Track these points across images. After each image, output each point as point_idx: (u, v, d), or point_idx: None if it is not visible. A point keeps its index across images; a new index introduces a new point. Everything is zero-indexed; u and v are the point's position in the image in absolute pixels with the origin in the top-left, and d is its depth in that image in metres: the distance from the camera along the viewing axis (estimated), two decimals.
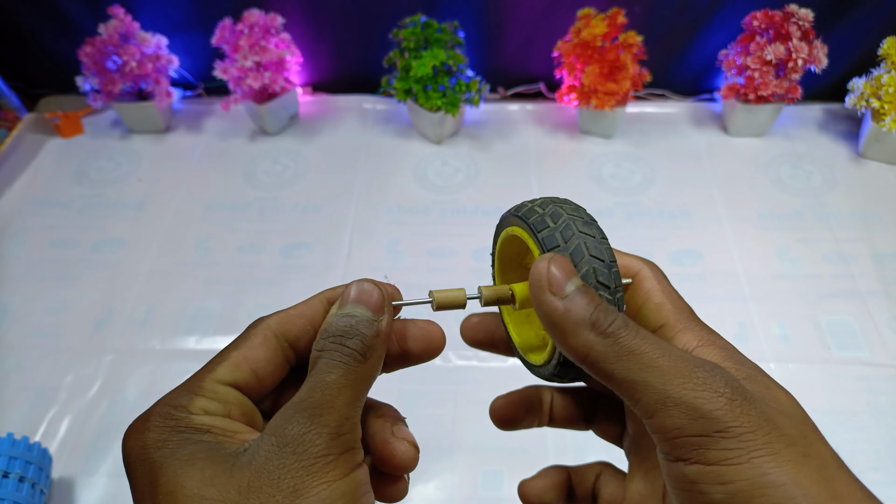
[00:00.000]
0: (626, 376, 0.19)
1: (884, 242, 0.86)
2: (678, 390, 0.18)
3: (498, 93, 1.10)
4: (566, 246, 0.22)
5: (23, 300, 0.81)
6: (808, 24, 0.89)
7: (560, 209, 0.23)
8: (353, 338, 0.21)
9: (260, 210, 0.92)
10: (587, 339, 0.19)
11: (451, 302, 0.25)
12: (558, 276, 0.20)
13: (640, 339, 0.19)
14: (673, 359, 0.19)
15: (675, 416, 0.18)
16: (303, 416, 0.19)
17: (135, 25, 0.95)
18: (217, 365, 0.22)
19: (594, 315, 0.19)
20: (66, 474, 0.65)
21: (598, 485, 0.28)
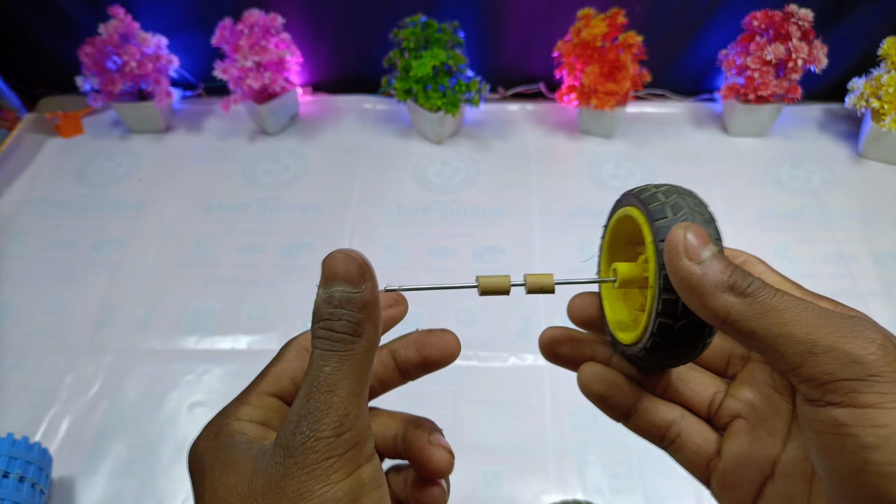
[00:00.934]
0: (769, 331, 0.19)
1: (884, 242, 0.86)
2: (826, 339, 0.18)
3: (498, 93, 1.10)
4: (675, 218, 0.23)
5: (23, 300, 0.81)
6: (807, 24, 0.89)
7: (682, 201, 0.24)
8: (339, 319, 0.21)
9: (260, 210, 0.92)
10: (726, 300, 0.20)
11: (496, 288, 0.26)
12: (694, 242, 0.21)
13: (781, 297, 0.19)
14: (817, 312, 0.19)
15: (825, 362, 0.18)
16: (303, 424, 0.20)
17: (135, 25, 0.95)
18: (261, 379, 0.25)
19: (732, 277, 0.20)
20: (66, 474, 0.65)
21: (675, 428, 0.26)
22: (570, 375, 0.41)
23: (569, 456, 0.66)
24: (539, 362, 0.73)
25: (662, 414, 0.26)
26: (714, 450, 0.26)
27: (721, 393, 0.26)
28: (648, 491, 0.63)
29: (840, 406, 0.18)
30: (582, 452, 0.66)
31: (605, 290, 0.29)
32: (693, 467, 0.26)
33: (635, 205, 0.25)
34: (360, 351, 0.21)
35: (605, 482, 0.64)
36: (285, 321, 0.78)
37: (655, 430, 0.26)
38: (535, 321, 0.77)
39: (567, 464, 0.65)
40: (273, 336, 0.77)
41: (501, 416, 0.71)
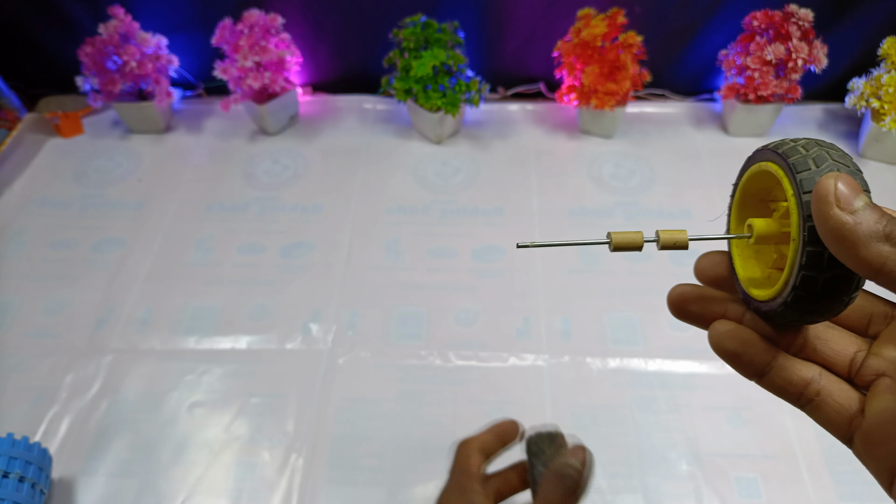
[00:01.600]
0: None
1: None
2: None
3: (498, 93, 1.10)
4: (818, 170, 0.22)
5: (23, 300, 0.81)
6: (807, 24, 0.89)
7: (825, 153, 0.23)
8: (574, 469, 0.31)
9: (260, 210, 0.92)
10: (881, 250, 0.19)
11: (629, 243, 0.27)
12: (846, 191, 0.20)
13: None
14: None
15: None
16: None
17: (135, 25, 0.95)
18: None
19: (888, 227, 0.19)
20: (66, 474, 0.65)
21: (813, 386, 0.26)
22: (571, 376, 0.42)
23: None
24: (539, 362, 0.73)
25: (800, 372, 0.26)
26: (856, 408, 0.25)
27: (863, 352, 0.26)
28: (648, 491, 0.63)
29: None
30: None
31: (736, 248, 0.29)
32: (833, 426, 0.26)
33: (772, 159, 0.25)
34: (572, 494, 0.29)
35: (605, 482, 0.64)
36: (285, 321, 0.78)
37: (792, 388, 0.26)
38: (534, 321, 0.77)
39: None
40: (273, 336, 0.77)
41: (501, 415, 0.70)
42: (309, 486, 0.64)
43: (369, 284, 0.81)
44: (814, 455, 0.66)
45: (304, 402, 0.71)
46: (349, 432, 0.68)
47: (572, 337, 0.76)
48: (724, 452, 0.66)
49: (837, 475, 0.64)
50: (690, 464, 0.65)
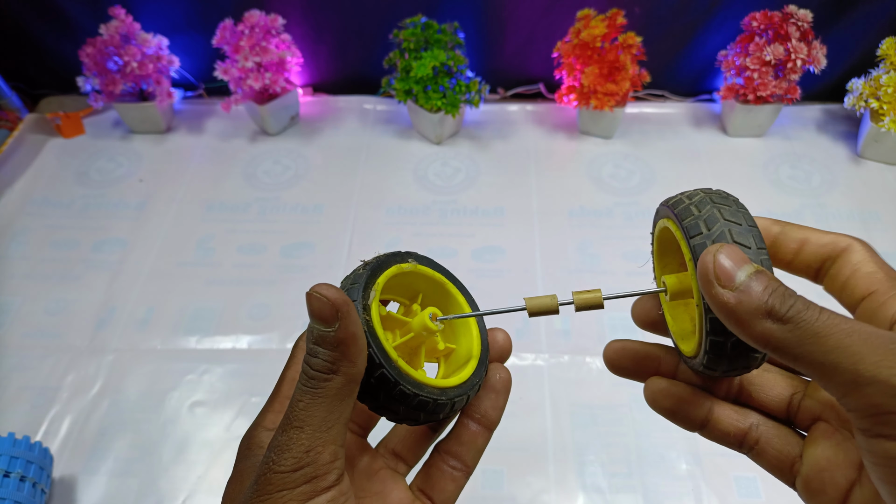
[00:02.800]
0: (814, 359, 0.18)
1: (883, 242, 0.86)
2: (872, 369, 0.17)
3: (498, 93, 1.10)
4: (709, 234, 0.22)
5: (24, 300, 0.81)
6: (807, 25, 0.89)
7: (716, 212, 0.23)
8: (314, 356, 0.22)
9: (260, 210, 0.92)
10: (765, 327, 0.19)
11: (545, 308, 0.26)
12: (727, 266, 0.20)
13: (825, 320, 0.18)
14: (863, 337, 0.17)
15: (872, 394, 0.17)
16: (269, 455, 0.21)
17: (136, 26, 0.95)
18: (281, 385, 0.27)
19: (770, 302, 0.19)
20: (67, 474, 0.65)
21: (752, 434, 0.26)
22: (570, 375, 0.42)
23: (569, 455, 0.66)
24: (538, 362, 0.74)
25: (737, 423, 0.26)
26: (796, 453, 0.25)
27: (799, 393, 0.26)
28: (648, 490, 0.63)
29: (891, 439, 0.17)
30: (582, 452, 0.66)
31: (663, 300, 0.28)
32: (776, 471, 0.26)
33: (671, 217, 0.25)
34: (335, 388, 0.21)
35: (604, 481, 0.64)
36: (286, 321, 0.78)
37: (732, 439, 0.26)
38: (534, 320, 0.77)
39: (567, 463, 0.65)
40: (274, 336, 0.77)
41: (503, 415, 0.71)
42: None
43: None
44: None
45: None
46: None
47: (572, 336, 0.76)
48: (723, 452, 0.66)
49: None
50: (690, 463, 0.65)
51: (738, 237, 0.22)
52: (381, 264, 0.26)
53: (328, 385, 0.21)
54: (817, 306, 0.19)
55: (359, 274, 0.25)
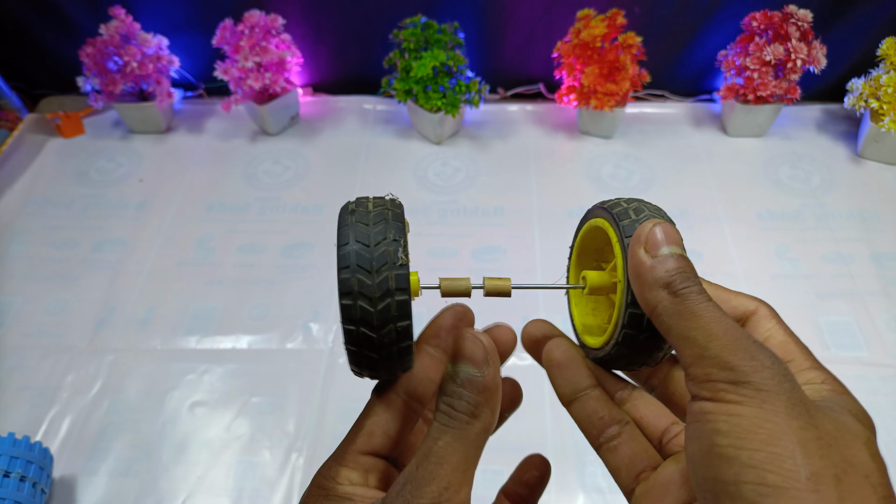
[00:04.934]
0: (680, 332, 0.20)
1: (883, 242, 0.86)
2: (717, 349, 0.19)
3: (498, 93, 1.10)
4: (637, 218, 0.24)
5: (24, 300, 0.81)
6: (807, 25, 0.89)
7: (644, 206, 0.25)
8: (459, 399, 0.23)
9: (261, 210, 0.92)
10: (659, 294, 0.21)
11: (458, 290, 0.27)
12: (658, 238, 0.22)
13: (705, 306, 0.21)
14: (726, 327, 0.20)
15: (708, 365, 0.19)
16: (406, 488, 0.22)
17: (136, 26, 0.95)
18: (356, 436, 0.26)
19: (673, 277, 0.21)
20: (67, 474, 0.65)
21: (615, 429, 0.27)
22: None
23: (569, 455, 0.66)
24: None
25: (611, 412, 0.27)
26: (647, 465, 0.26)
27: (678, 426, 0.26)
28: None
29: (708, 400, 0.19)
30: (582, 452, 0.66)
31: (573, 298, 0.31)
32: (620, 473, 0.26)
33: (601, 215, 0.26)
34: (475, 432, 0.22)
35: (604, 481, 0.64)
36: (286, 321, 0.78)
37: (597, 423, 0.27)
38: None
39: (567, 463, 0.65)
40: (274, 336, 0.77)
41: None
42: None
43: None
44: None
45: (305, 402, 0.71)
46: None
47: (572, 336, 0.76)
48: None
49: None
50: None
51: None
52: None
53: (470, 428, 0.22)
54: (709, 297, 0.21)
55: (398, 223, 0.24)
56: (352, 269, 0.22)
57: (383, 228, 0.23)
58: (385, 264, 0.22)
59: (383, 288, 0.22)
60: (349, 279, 0.22)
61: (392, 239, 0.23)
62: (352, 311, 0.22)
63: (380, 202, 0.25)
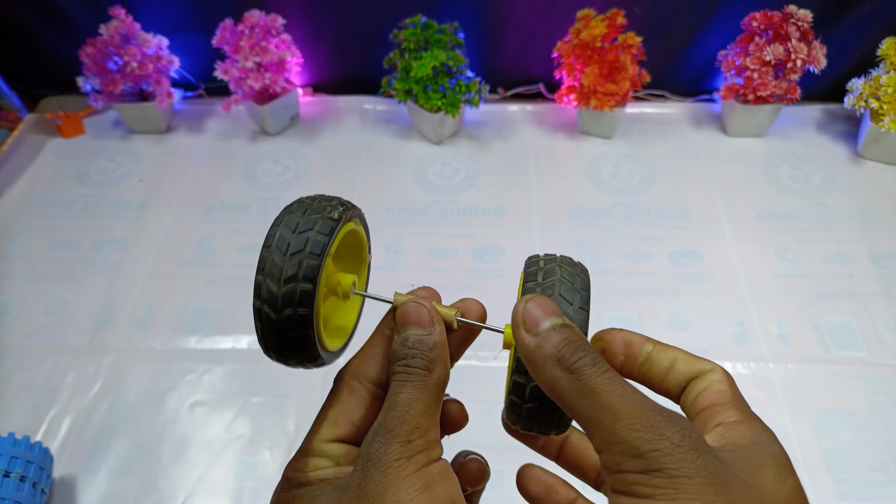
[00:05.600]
0: (585, 412, 0.20)
1: (883, 242, 0.86)
2: (624, 431, 0.19)
3: (498, 93, 1.10)
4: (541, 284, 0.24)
5: (24, 300, 0.81)
6: (807, 25, 0.89)
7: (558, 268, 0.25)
8: (414, 357, 0.24)
9: (261, 210, 0.92)
10: (553, 373, 0.20)
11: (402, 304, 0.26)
12: (534, 314, 0.22)
13: (603, 379, 0.20)
14: (629, 401, 0.19)
15: (617, 452, 0.19)
16: (379, 435, 0.23)
17: (136, 26, 0.95)
18: (319, 426, 0.26)
19: (562, 351, 0.20)
20: (67, 474, 0.65)
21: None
22: None
23: None
24: None
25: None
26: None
27: None
28: None
29: (623, 493, 0.19)
30: None
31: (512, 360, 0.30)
32: None
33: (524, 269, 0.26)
34: (433, 382, 0.24)
35: None
36: None
37: None
38: None
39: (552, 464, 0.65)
40: None
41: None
42: None
43: (369, 284, 0.82)
44: (813, 455, 0.66)
45: (305, 402, 0.71)
46: None
47: None
48: None
49: (836, 475, 0.64)
50: None
51: (565, 293, 0.23)
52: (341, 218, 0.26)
53: (427, 381, 0.24)
54: (605, 366, 0.20)
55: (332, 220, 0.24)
56: (271, 249, 0.23)
57: (313, 220, 0.24)
58: (300, 251, 0.23)
59: (291, 272, 0.23)
60: (265, 257, 0.23)
61: (317, 231, 0.23)
62: (260, 289, 0.23)
63: (326, 199, 0.25)
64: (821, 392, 0.71)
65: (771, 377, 0.72)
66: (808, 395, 0.71)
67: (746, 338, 0.76)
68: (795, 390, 0.71)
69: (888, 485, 0.64)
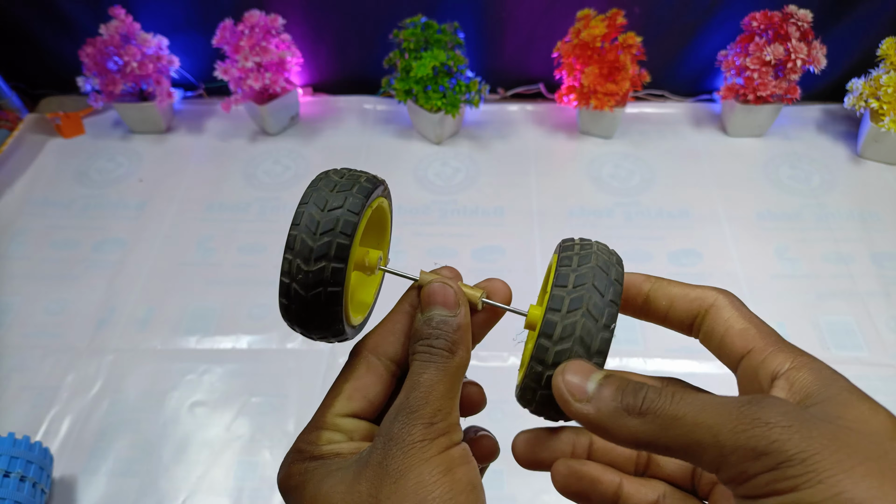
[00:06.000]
0: (680, 443, 0.19)
1: (882, 242, 0.86)
2: (731, 438, 0.18)
3: (498, 93, 1.10)
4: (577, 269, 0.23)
5: (24, 300, 0.81)
6: (807, 25, 0.89)
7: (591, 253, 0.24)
8: (437, 338, 0.24)
9: (261, 210, 0.92)
10: (629, 425, 0.20)
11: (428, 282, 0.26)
12: (575, 381, 0.21)
13: (677, 403, 0.19)
14: (715, 408, 0.19)
15: (737, 463, 0.18)
16: (402, 415, 0.23)
17: (136, 26, 0.95)
18: (334, 400, 0.26)
19: (624, 401, 0.20)
20: (67, 474, 0.65)
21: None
22: None
23: None
24: None
25: (646, 496, 0.26)
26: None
27: None
28: None
29: (766, 497, 0.18)
30: None
31: (530, 340, 0.29)
32: None
33: (557, 251, 0.26)
34: (455, 365, 0.24)
35: None
36: None
37: None
38: None
39: None
40: (273, 336, 0.77)
41: (501, 415, 0.71)
42: None
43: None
44: None
45: (305, 402, 0.71)
46: None
47: None
48: None
49: None
50: None
51: (599, 284, 0.23)
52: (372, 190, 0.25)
53: (449, 363, 0.24)
54: (669, 389, 0.20)
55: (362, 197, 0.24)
56: (300, 228, 0.23)
57: (343, 197, 0.24)
58: (331, 230, 0.23)
59: (322, 252, 0.23)
60: (294, 237, 0.23)
61: (346, 209, 0.23)
62: (290, 267, 0.24)
63: (354, 175, 0.25)
64: None
65: None
66: None
67: None
68: None
69: None
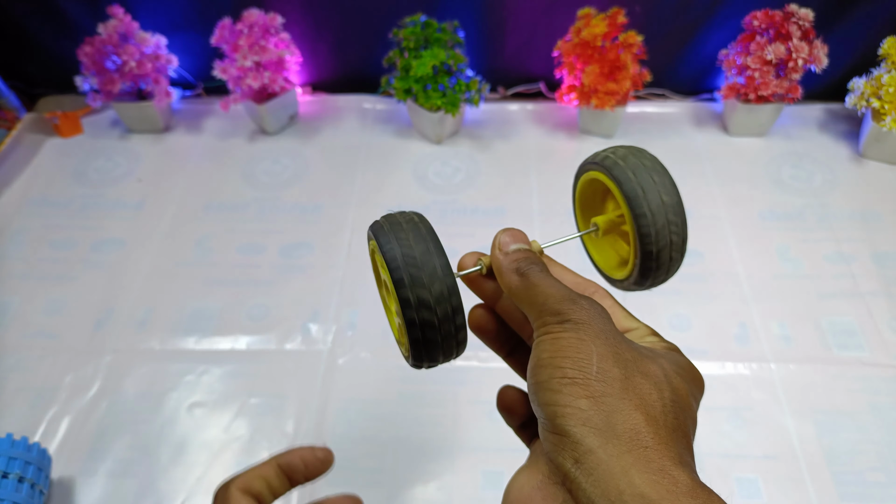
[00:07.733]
0: (527, 300, 0.26)
1: (884, 242, 0.86)
2: (552, 303, 0.25)
3: (498, 92, 1.10)
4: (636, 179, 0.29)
5: (22, 300, 0.81)
6: (808, 24, 0.89)
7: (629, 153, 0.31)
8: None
9: (259, 210, 0.92)
10: (511, 278, 0.28)
11: None
12: (506, 240, 0.29)
13: (542, 277, 0.27)
14: (558, 289, 0.26)
15: (545, 315, 0.25)
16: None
17: (134, 25, 0.95)
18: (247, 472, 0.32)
19: (517, 264, 0.28)
20: (66, 474, 0.65)
21: None
22: None
23: None
24: None
25: None
26: None
27: None
28: None
29: (541, 335, 0.25)
30: None
31: (589, 243, 0.36)
32: None
33: (593, 168, 0.32)
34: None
35: None
36: (285, 321, 0.78)
37: None
38: None
39: None
40: (272, 336, 0.77)
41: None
42: (308, 486, 0.64)
43: (369, 284, 0.81)
44: (814, 455, 0.66)
45: (304, 403, 0.71)
46: (349, 433, 0.68)
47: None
48: (724, 453, 0.66)
49: (838, 476, 0.64)
50: None
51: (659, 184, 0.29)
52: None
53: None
54: (547, 272, 0.27)
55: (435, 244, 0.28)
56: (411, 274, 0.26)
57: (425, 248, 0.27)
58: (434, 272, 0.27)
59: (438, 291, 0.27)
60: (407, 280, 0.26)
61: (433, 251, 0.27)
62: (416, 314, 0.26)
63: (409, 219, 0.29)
64: (822, 393, 0.71)
65: (772, 378, 0.72)
66: (810, 395, 0.71)
67: (748, 338, 0.76)
68: (797, 391, 0.71)
69: (890, 486, 0.63)
